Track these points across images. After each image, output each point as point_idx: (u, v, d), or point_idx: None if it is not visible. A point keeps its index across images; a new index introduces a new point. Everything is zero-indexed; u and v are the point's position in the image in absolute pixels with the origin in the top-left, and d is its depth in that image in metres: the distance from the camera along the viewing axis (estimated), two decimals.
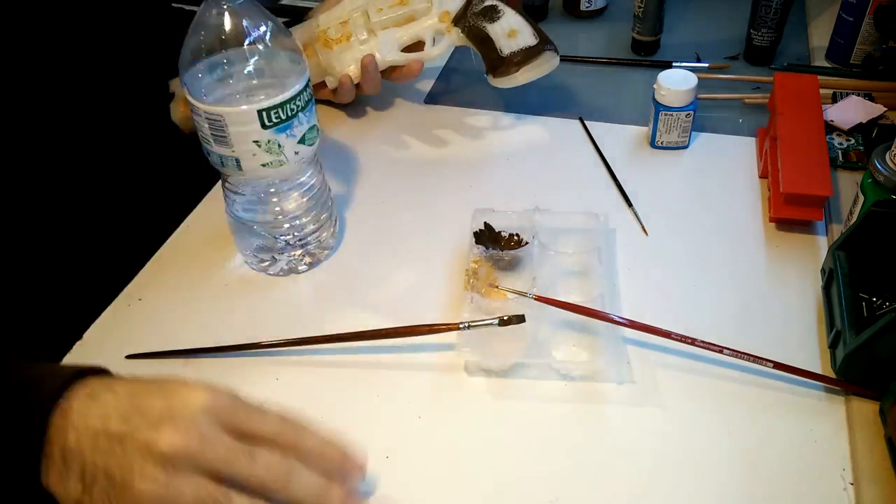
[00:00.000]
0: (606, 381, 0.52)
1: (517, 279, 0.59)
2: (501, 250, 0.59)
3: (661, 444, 0.48)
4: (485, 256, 0.59)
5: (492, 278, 0.58)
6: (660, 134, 0.71)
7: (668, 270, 0.60)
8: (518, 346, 0.53)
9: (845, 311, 0.50)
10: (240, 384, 0.54)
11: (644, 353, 0.54)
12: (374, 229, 0.66)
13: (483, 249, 0.59)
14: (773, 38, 0.82)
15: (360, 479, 0.44)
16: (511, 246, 0.60)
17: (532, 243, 0.59)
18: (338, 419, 0.51)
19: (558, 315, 0.55)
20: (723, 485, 0.46)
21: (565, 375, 0.53)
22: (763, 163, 0.68)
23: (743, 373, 0.52)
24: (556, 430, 0.50)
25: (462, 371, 0.54)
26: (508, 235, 0.60)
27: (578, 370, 0.53)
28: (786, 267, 0.60)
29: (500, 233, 0.60)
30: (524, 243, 0.59)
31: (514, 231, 0.60)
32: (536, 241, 0.60)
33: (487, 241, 0.60)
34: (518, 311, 0.52)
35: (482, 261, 0.59)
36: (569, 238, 0.62)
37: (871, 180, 0.55)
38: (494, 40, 0.70)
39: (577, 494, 0.46)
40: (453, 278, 0.60)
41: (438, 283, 0.60)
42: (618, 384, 0.52)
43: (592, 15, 0.96)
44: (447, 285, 0.60)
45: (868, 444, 0.46)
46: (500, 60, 0.70)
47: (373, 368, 0.54)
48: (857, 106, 0.72)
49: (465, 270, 0.59)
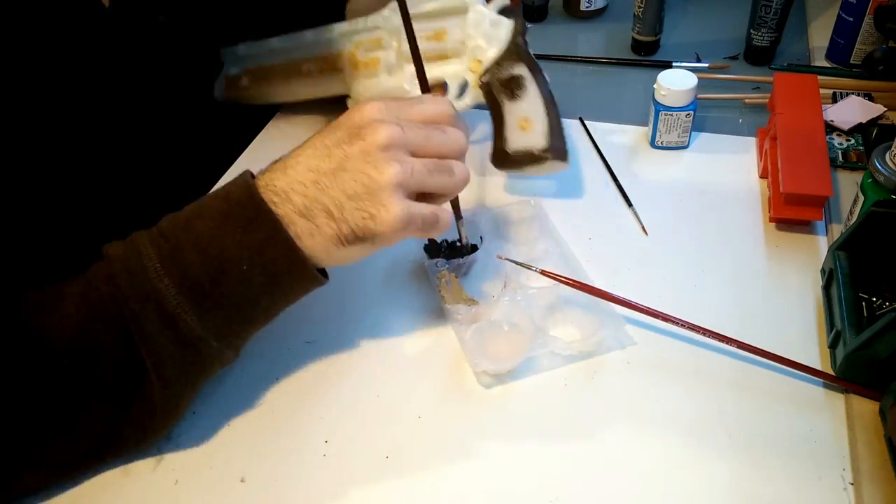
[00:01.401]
0: (609, 350, 0.53)
1: (482, 282, 0.60)
2: (461, 258, 0.59)
3: (660, 445, 0.48)
4: (447, 268, 0.59)
5: (457, 287, 0.58)
6: (660, 134, 0.71)
7: (668, 270, 0.60)
8: (518, 345, 0.53)
9: (845, 311, 0.50)
10: (238, 383, 0.54)
11: (644, 354, 0.54)
12: None
13: (444, 262, 0.59)
14: (773, 38, 0.82)
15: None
16: (467, 251, 0.59)
17: (481, 245, 0.60)
18: (338, 419, 0.51)
19: (542, 302, 0.56)
20: (723, 484, 0.46)
21: (569, 357, 0.53)
22: (763, 163, 0.68)
23: (743, 372, 0.52)
24: (555, 429, 0.50)
25: (462, 371, 0.54)
26: (450, 243, 0.60)
27: (581, 346, 0.53)
28: (786, 267, 0.60)
29: (447, 242, 0.60)
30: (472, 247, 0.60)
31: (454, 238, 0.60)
32: (487, 240, 0.60)
33: (438, 253, 0.60)
34: (504, 311, 0.53)
35: (446, 273, 0.58)
36: (510, 230, 0.63)
37: (871, 180, 0.55)
38: (505, 125, 0.65)
39: (577, 494, 0.46)
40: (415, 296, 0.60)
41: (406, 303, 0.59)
42: (619, 363, 0.52)
43: (592, 15, 0.96)
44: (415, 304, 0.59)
45: (868, 444, 0.46)
46: (504, 153, 0.65)
47: (373, 368, 0.54)
48: (857, 106, 0.72)
49: (431, 287, 0.59)
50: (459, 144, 0.50)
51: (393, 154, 0.46)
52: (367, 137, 0.45)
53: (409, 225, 0.46)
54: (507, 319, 0.55)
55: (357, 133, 0.46)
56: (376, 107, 0.47)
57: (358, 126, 0.46)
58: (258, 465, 0.49)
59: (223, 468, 0.49)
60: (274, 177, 0.46)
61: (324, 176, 0.46)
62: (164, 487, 0.48)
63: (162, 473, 0.49)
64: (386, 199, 0.45)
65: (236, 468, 0.49)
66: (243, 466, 0.49)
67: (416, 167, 0.47)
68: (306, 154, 0.47)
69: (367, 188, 0.45)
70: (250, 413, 0.52)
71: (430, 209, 0.48)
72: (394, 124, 0.46)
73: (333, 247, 0.46)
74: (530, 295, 0.56)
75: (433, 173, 0.48)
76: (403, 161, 0.46)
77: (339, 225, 0.46)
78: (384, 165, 0.45)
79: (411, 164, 0.46)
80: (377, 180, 0.45)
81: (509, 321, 0.55)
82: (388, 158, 0.45)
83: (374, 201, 0.45)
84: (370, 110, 0.47)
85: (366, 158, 0.45)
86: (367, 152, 0.45)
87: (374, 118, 0.47)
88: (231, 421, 0.51)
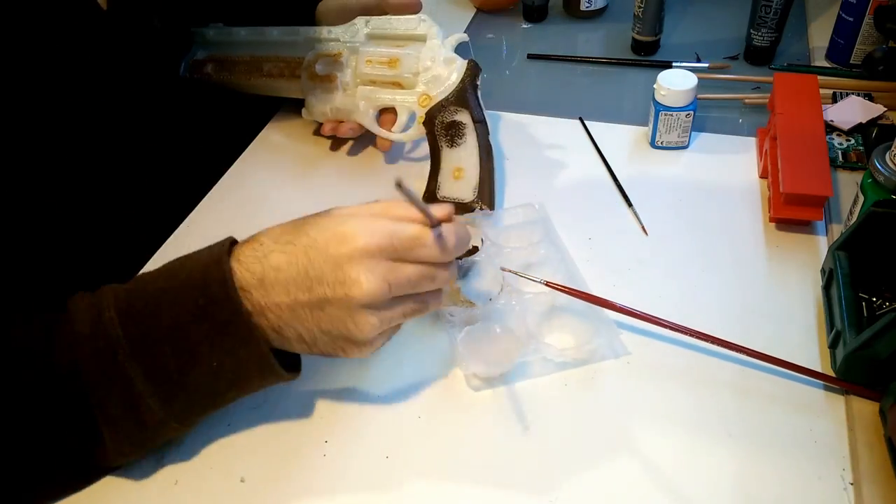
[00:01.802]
0: (604, 359, 0.53)
1: (480, 284, 0.59)
2: (460, 259, 0.59)
3: (660, 445, 0.48)
4: None
5: (454, 289, 0.58)
6: (660, 134, 0.71)
7: (668, 271, 0.60)
8: (510, 350, 0.53)
9: (845, 311, 0.50)
10: None
11: (643, 354, 0.54)
12: None
13: None
14: (773, 38, 0.82)
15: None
16: (467, 253, 0.59)
17: (482, 247, 0.60)
18: (338, 419, 0.51)
19: (538, 308, 0.56)
20: (723, 485, 0.46)
21: (562, 364, 0.53)
22: (763, 163, 0.68)
23: (743, 373, 0.52)
24: (555, 429, 0.50)
25: (458, 373, 0.53)
26: None
27: (575, 354, 0.53)
28: (786, 267, 0.59)
29: None
30: (472, 249, 0.59)
31: None
32: (488, 243, 0.60)
33: None
34: (499, 314, 0.53)
35: None
36: (512, 233, 0.63)
37: (871, 180, 0.55)
38: (440, 171, 0.65)
39: (577, 494, 0.46)
40: None
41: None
42: (615, 368, 0.52)
43: (592, 15, 0.96)
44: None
45: (868, 444, 0.46)
46: (434, 197, 0.65)
47: (373, 368, 0.54)
48: (857, 106, 0.72)
49: None
50: (443, 285, 0.48)
51: (374, 309, 0.44)
52: (352, 292, 0.42)
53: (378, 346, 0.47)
54: (501, 323, 0.55)
55: (342, 281, 0.43)
56: (372, 244, 0.43)
57: (341, 267, 0.43)
58: (258, 465, 0.49)
59: (223, 468, 0.49)
60: (251, 284, 0.44)
61: (301, 307, 0.44)
62: (164, 487, 0.48)
63: (162, 473, 0.49)
64: (360, 345, 0.45)
65: (236, 468, 0.49)
66: (243, 466, 0.49)
67: (395, 320, 0.46)
68: (286, 272, 0.44)
69: (343, 336, 0.44)
70: (250, 413, 0.52)
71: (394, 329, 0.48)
72: (383, 283, 0.43)
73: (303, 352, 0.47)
74: (526, 300, 0.56)
75: (411, 316, 0.47)
76: (383, 315, 0.44)
77: (310, 348, 0.46)
78: (363, 323, 0.44)
79: (391, 316, 0.45)
80: (354, 334, 0.44)
81: (503, 325, 0.55)
82: (368, 314, 0.44)
83: (348, 344, 0.45)
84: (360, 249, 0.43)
85: (344, 310, 0.43)
86: (347, 307, 0.43)
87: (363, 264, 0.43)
88: (231, 421, 0.51)
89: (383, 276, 0.43)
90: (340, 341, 0.45)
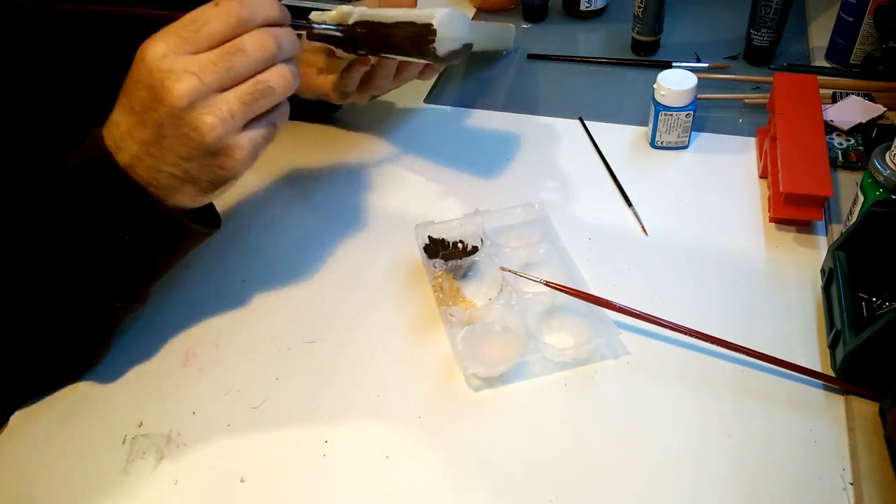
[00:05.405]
0: (603, 359, 0.53)
1: (480, 284, 0.59)
2: (460, 259, 0.59)
3: (660, 445, 0.48)
4: (444, 269, 0.58)
5: (454, 289, 0.58)
6: (660, 134, 0.71)
7: (668, 270, 0.60)
8: (509, 350, 0.53)
9: (845, 311, 0.50)
10: (238, 383, 0.54)
11: (643, 354, 0.54)
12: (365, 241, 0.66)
13: (441, 262, 0.59)
14: (773, 38, 0.82)
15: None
16: (467, 253, 0.59)
17: (482, 247, 0.60)
18: (338, 419, 0.51)
19: (538, 308, 0.56)
20: (723, 485, 0.46)
21: (562, 364, 0.53)
22: (763, 163, 0.68)
23: (743, 373, 0.52)
24: (555, 428, 0.50)
25: (458, 373, 0.54)
26: (453, 243, 0.60)
27: (575, 354, 0.53)
28: (786, 267, 0.60)
29: (448, 242, 0.60)
30: (472, 249, 0.60)
31: (456, 239, 0.60)
32: (488, 243, 0.60)
33: (439, 253, 0.59)
34: (499, 314, 0.53)
35: (443, 273, 0.58)
36: (512, 233, 0.63)
37: (871, 180, 0.55)
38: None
39: (577, 494, 0.46)
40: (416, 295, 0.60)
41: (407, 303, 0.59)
42: (615, 368, 0.52)
43: (592, 15, 0.96)
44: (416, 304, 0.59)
45: (868, 444, 0.46)
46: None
47: (372, 368, 0.54)
48: (857, 106, 0.72)
49: (430, 287, 0.59)
50: (266, 52, 0.44)
51: (202, 108, 0.43)
52: (166, 100, 0.42)
53: (258, 154, 0.46)
54: (501, 323, 0.55)
55: (156, 95, 0.42)
56: (160, 50, 0.42)
57: (151, 86, 0.42)
58: (258, 465, 0.49)
59: (223, 468, 0.49)
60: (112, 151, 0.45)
61: (151, 146, 0.44)
62: (164, 487, 0.48)
63: (162, 473, 0.49)
64: (223, 149, 0.44)
65: (236, 468, 0.49)
66: (243, 466, 0.49)
67: (234, 108, 0.43)
68: (125, 122, 0.45)
69: (198, 148, 0.44)
70: (250, 413, 0.52)
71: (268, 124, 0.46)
72: (188, 75, 0.42)
73: (200, 197, 0.48)
74: (526, 299, 0.56)
75: (255, 101, 0.44)
76: (217, 109, 0.43)
77: (194, 184, 0.46)
78: (199, 124, 0.43)
79: (227, 106, 0.43)
80: (201, 141, 0.43)
81: (503, 325, 0.55)
82: (199, 115, 0.42)
83: (214, 155, 0.44)
84: (154, 58, 0.42)
85: (177, 123, 0.43)
86: (175, 116, 0.42)
87: (162, 69, 0.42)
88: (231, 421, 0.51)
89: (184, 68, 0.42)
90: (206, 159, 0.44)
